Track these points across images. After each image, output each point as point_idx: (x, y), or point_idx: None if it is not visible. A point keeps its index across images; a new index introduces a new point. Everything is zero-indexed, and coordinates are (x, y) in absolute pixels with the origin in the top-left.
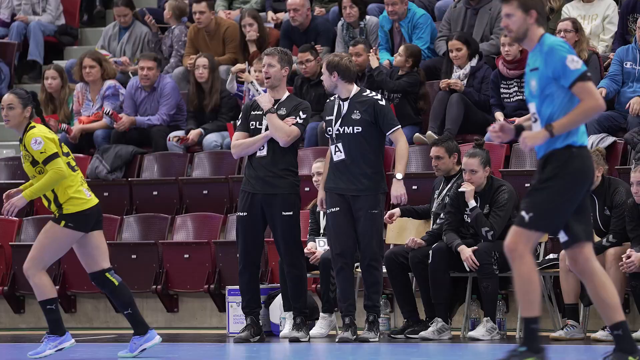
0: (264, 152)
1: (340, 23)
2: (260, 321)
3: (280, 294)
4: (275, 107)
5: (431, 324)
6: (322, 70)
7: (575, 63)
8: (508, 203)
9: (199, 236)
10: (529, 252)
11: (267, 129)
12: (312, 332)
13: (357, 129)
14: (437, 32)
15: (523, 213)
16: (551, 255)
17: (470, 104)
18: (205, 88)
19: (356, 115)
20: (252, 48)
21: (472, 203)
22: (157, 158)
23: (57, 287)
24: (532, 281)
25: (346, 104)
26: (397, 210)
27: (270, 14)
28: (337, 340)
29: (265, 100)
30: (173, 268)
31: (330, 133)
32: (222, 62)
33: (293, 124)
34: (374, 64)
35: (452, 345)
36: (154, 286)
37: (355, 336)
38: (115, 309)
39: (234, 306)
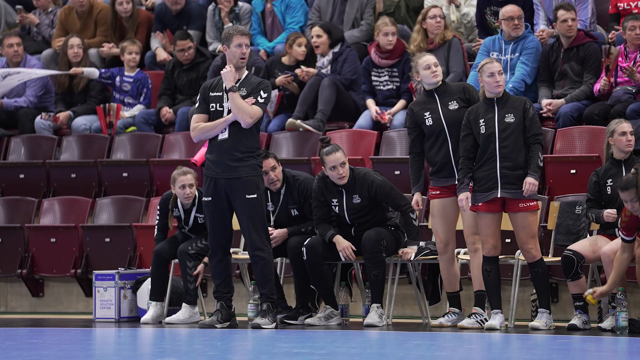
0: (225, 135)
1: (211, 7)
2: (232, 306)
3: (150, 280)
4: (237, 85)
5: (318, 311)
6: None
7: None
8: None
9: (66, 220)
10: None
11: (229, 111)
12: (170, 318)
13: None
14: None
15: None
16: (422, 244)
17: (342, 89)
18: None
19: None
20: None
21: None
22: (25, 141)
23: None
24: None
25: None
26: None
27: None
28: (198, 325)
29: (230, 77)
30: (39, 252)
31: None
32: (92, 44)
33: (253, 104)
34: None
35: (347, 332)
36: (19, 270)
37: (224, 322)
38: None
39: (101, 291)
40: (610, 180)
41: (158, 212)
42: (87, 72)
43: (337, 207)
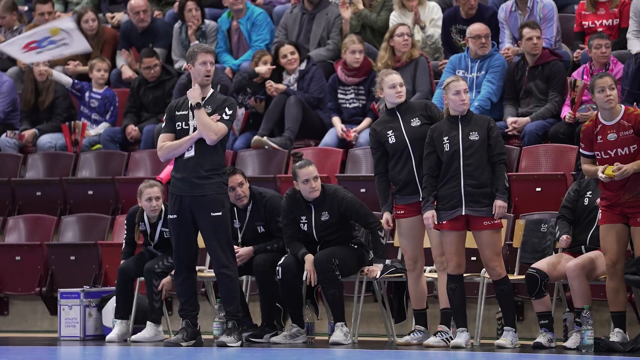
0: (191, 153)
1: (177, 25)
2: (197, 324)
3: (115, 298)
4: (202, 102)
5: (283, 329)
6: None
7: None
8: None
9: (31, 238)
10: None
11: (195, 129)
12: (135, 336)
13: None
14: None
15: None
16: (388, 262)
17: (307, 107)
18: (43, 87)
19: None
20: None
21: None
22: None
23: None
24: None
25: None
26: None
27: (108, 15)
28: (163, 344)
29: (196, 94)
30: (4, 270)
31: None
32: (57, 62)
33: (218, 121)
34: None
35: (312, 350)
36: None
37: (190, 340)
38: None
39: (66, 309)
40: (590, 192)
41: (125, 227)
42: (60, 77)
43: (305, 225)
